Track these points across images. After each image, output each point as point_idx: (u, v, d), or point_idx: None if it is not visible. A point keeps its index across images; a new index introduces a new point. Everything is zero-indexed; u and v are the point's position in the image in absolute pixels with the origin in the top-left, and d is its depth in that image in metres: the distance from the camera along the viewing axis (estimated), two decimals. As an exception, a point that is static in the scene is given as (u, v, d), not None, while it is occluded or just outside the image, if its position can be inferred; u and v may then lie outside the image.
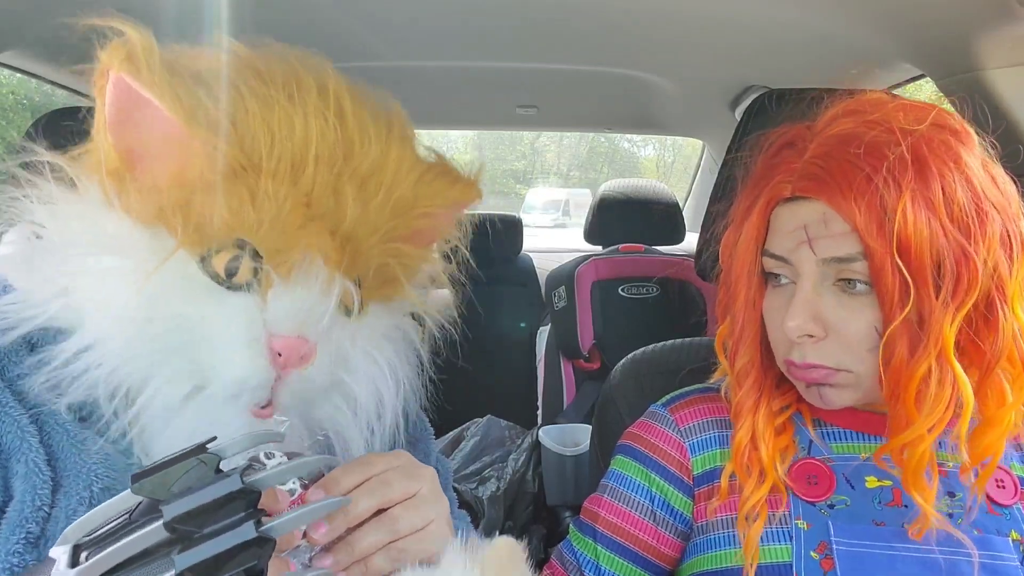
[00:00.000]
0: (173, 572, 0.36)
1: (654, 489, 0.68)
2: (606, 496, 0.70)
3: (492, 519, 1.72)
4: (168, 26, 0.58)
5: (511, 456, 1.87)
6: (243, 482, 0.38)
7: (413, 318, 0.68)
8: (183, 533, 0.37)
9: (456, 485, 1.74)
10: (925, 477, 0.56)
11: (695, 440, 0.69)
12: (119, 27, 0.49)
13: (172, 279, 0.51)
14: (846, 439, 0.65)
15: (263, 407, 0.53)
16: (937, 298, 0.53)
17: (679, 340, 0.90)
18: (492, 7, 1.17)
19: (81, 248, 0.52)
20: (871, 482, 0.61)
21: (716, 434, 0.68)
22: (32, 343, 0.53)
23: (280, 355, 0.52)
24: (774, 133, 0.63)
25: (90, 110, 0.55)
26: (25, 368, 0.52)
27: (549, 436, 1.67)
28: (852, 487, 0.62)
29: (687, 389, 0.74)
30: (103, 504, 0.40)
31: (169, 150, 0.51)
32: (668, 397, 0.74)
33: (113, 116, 0.51)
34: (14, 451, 0.50)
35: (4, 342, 0.51)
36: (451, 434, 2.02)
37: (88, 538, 0.39)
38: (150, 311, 0.50)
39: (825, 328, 0.57)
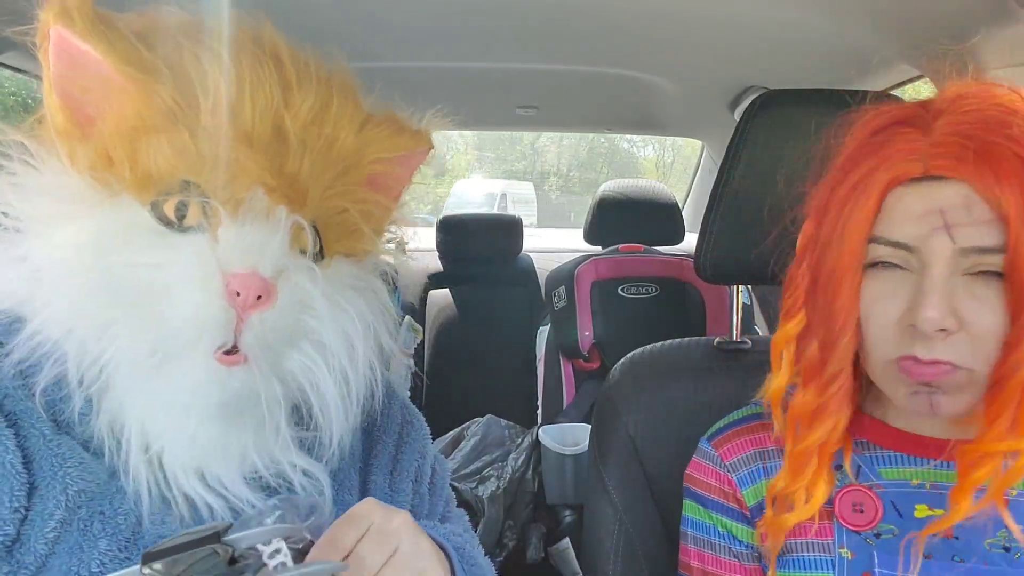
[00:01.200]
0: None
1: (720, 527, 0.68)
2: (689, 545, 0.70)
3: (492, 518, 1.73)
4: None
5: (511, 455, 1.87)
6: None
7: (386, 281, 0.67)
8: None
9: (456, 484, 1.74)
10: (974, 492, 0.52)
11: (741, 474, 0.67)
12: None
13: (124, 229, 0.51)
14: (896, 463, 0.60)
15: (227, 352, 0.52)
16: None
17: (679, 340, 0.90)
18: (492, 7, 1.17)
19: (41, 215, 0.52)
20: (921, 511, 0.57)
21: (760, 466, 0.67)
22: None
23: (238, 294, 0.51)
24: (868, 111, 0.57)
25: None
26: (4, 372, 0.51)
27: (549, 435, 1.67)
28: (900, 515, 0.58)
29: (730, 420, 0.71)
30: None
31: (109, 98, 0.52)
32: (713, 430, 0.72)
33: (56, 71, 0.52)
34: None
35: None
36: (451, 434, 2.02)
37: None
38: (105, 262, 0.50)
39: (960, 322, 0.51)
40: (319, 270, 0.56)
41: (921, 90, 1.28)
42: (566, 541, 1.67)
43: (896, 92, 1.25)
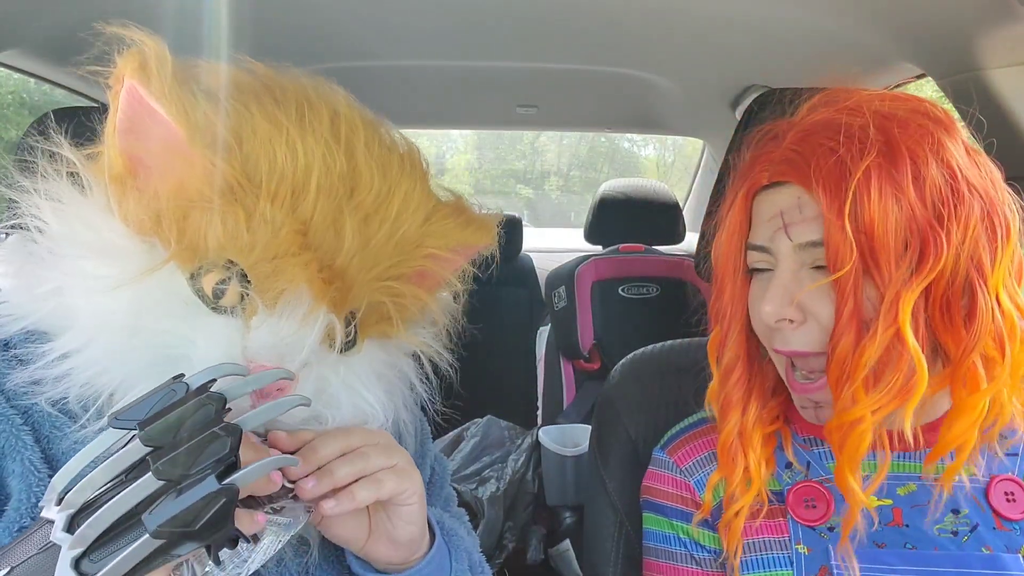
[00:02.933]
0: (149, 472, 0.38)
1: (682, 535, 0.68)
2: (651, 558, 0.70)
3: (492, 519, 1.72)
4: (168, 25, 0.58)
5: (511, 456, 1.87)
6: (209, 390, 0.41)
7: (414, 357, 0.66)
8: (158, 442, 0.39)
9: (456, 485, 1.74)
10: (860, 469, 0.56)
11: (697, 477, 0.68)
12: (135, 36, 0.49)
13: (160, 293, 0.51)
14: None
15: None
16: (898, 276, 0.52)
17: (679, 340, 0.90)
18: (492, 7, 1.17)
19: (79, 250, 0.52)
20: (871, 501, 0.59)
21: (715, 467, 0.67)
22: (7, 344, 0.54)
23: None
24: (759, 130, 0.63)
25: (88, 109, 0.54)
26: (7, 367, 0.52)
27: (549, 436, 1.67)
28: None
29: (680, 427, 0.73)
30: (83, 449, 0.42)
31: (172, 162, 0.51)
32: (665, 438, 0.74)
33: (122, 123, 0.51)
34: (9, 450, 0.50)
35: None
36: (451, 434, 2.02)
37: (73, 483, 0.41)
38: (136, 322, 0.50)
39: (803, 313, 0.57)
40: (343, 361, 0.57)
41: (922, 88, 1.28)
42: (566, 543, 1.67)
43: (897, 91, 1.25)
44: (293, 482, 0.50)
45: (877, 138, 0.53)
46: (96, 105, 1.39)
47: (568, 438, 1.67)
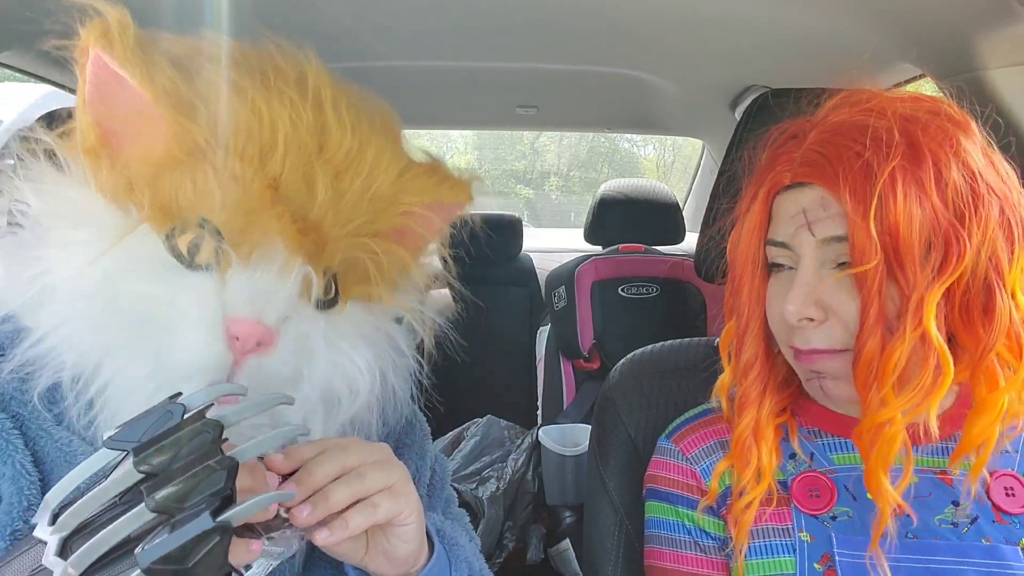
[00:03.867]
0: (143, 503, 0.37)
1: (687, 522, 0.68)
2: (654, 546, 0.70)
3: (492, 519, 1.72)
4: (169, 26, 0.58)
5: (511, 456, 1.87)
6: (206, 418, 0.40)
7: (402, 324, 0.66)
8: (153, 470, 0.38)
9: (456, 485, 1.74)
10: (890, 474, 0.56)
11: (704, 465, 0.69)
12: (96, 5, 0.50)
13: (137, 256, 0.51)
14: (845, 449, 0.64)
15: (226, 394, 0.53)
16: (922, 277, 0.53)
17: (679, 340, 0.90)
18: (492, 7, 1.17)
19: (58, 224, 0.52)
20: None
21: (722, 455, 0.68)
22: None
23: (237, 339, 0.51)
24: (776, 129, 0.64)
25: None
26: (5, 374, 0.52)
27: (549, 436, 1.67)
28: (854, 498, 0.62)
29: (686, 416, 0.74)
30: (77, 467, 0.41)
31: (140, 127, 0.52)
32: (670, 427, 0.74)
33: (91, 94, 0.52)
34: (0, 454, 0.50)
35: None
36: (451, 434, 2.02)
37: (66, 503, 0.40)
38: (114, 287, 0.50)
39: (825, 311, 0.57)
40: (325, 318, 0.57)
41: (922, 89, 1.28)
42: (566, 542, 1.67)
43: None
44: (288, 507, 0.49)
45: (901, 140, 0.54)
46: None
47: (568, 438, 1.67)
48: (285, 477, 0.49)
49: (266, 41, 0.57)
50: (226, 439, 0.41)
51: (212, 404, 0.42)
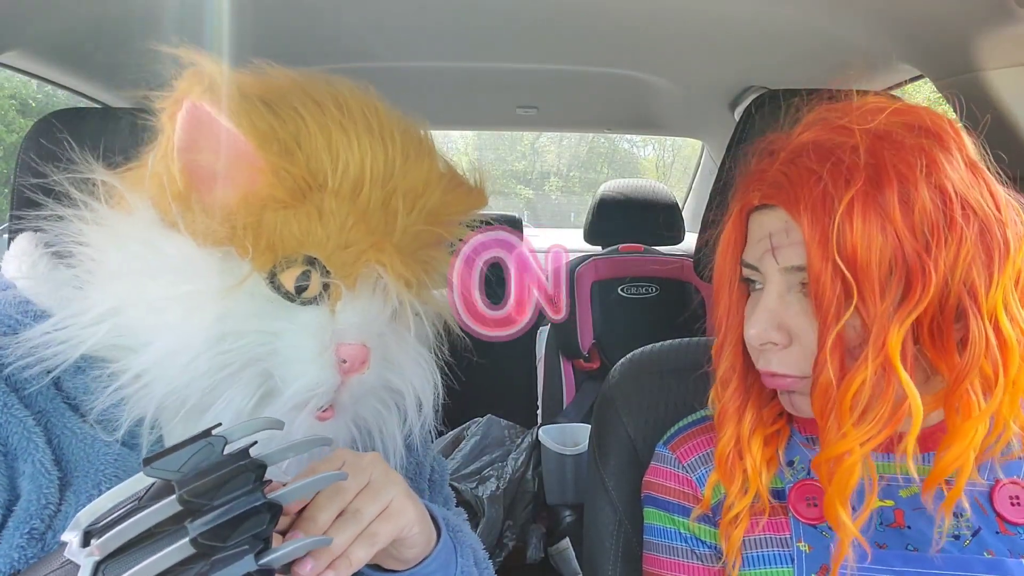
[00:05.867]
0: (187, 538, 0.37)
1: (683, 530, 0.68)
2: (652, 553, 0.70)
3: (492, 518, 1.73)
4: (169, 27, 0.58)
5: (511, 456, 1.87)
6: (250, 456, 0.40)
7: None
8: (194, 506, 0.38)
9: (455, 484, 1.74)
10: (850, 500, 0.54)
11: (699, 473, 0.68)
12: (190, 57, 0.52)
13: (242, 297, 0.53)
14: None
15: (325, 410, 0.57)
16: (883, 306, 0.51)
17: (678, 340, 0.90)
18: (492, 7, 1.17)
19: (139, 270, 0.54)
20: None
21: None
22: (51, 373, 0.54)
23: (345, 362, 0.55)
24: (760, 141, 0.63)
25: (88, 111, 0.55)
26: (37, 378, 0.52)
27: (549, 436, 1.67)
28: (852, 508, 0.59)
29: (684, 424, 0.74)
30: (113, 489, 0.41)
31: (240, 172, 0.54)
32: (668, 434, 0.74)
33: (182, 141, 0.53)
34: (20, 452, 0.51)
35: (55, 367, 0.52)
36: (451, 434, 2.02)
37: (99, 524, 0.40)
38: (221, 329, 0.52)
39: (789, 336, 0.56)
40: (396, 330, 0.61)
41: (921, 89, 1.28)
42: (566, 541, 1.67)
43: (896, 92, 1.25)
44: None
45: (867, 162, 0.52)
46: (97, 106, 1.40)
47: (568, 437, 1.67)
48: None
49: (320, 73, 0.60)
50: (269, 480, 0.42)
51: (255, 441, 0.42)
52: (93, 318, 0.52)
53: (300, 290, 0.55)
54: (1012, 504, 0.57)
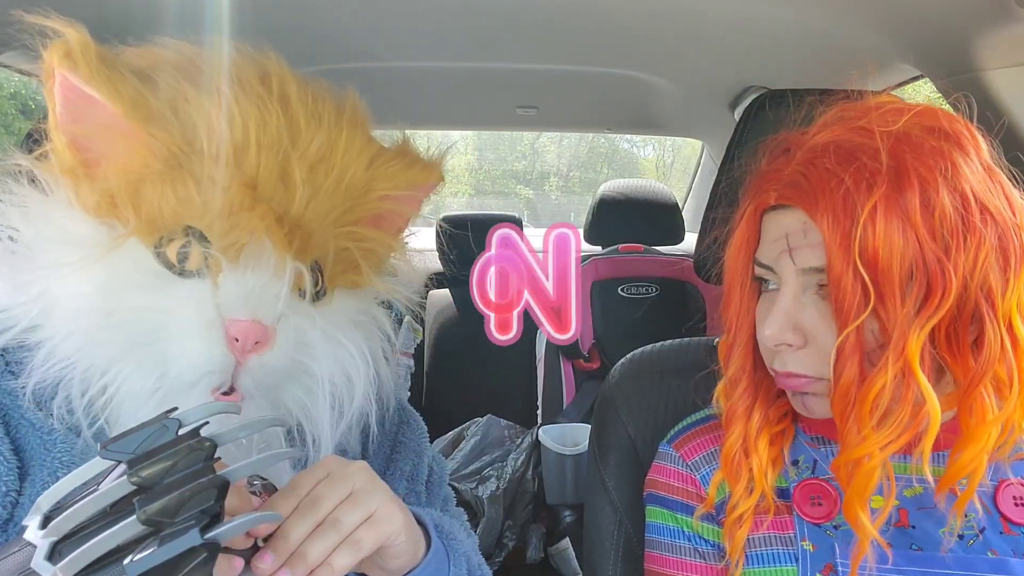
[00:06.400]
0: (134, 516, 0.38)
1: (686, 529, 0.68)
2: (654, 551, 0.70)
3: (492, 518, 1.73)
4: (168, 26, 0.58)
5: (511, 455, 1.87)
6: (200, 435, 0.41)
7: (385, 306, 0.68)
8: (145, 484, 0.39)
9: (455, 484, 1.74)
10: (869, 501, 0.54)
11: (704, 472, 0.68)
12: (56, 26, 0.50)
13: (128, 271, 0.52)
14: None
15: (225, 392, 0.54)
16: (903, 311, 0.51)
17: (678, 340, 0.90)
18: (492, 7, 1.17)
19: (47, 246, 0.53)
20: (877, 501, 0.57)
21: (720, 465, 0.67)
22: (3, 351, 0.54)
23: (237, 340, 0.52)
24: (773, 140, 0.62)
25: None
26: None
27: (549, 436, 1.67)
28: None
29: (688, 422, 0.73)
30: (72, 472, 0.42)
31: (113, 142, 0.53)
32: (672, 432, 0.74)
33: (62, 114, 0.53)
34: None
35: None
36: (451, 434, 2.02)
37: (58, 507, 0.41)
38: (110, 304, 0.51)
39: (804, 337, 0.56)
40: (318, 311, 0.58)
41: (921, 89, 1.28)
42: (566, 541, 1.68)
43: (896, 92, 1.25)
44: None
45: (889, 164, 0.52)
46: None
47: (568, 437, 1.67)
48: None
49: (223, 44, 0.58)
50: (218, 458, 0.42)
51: (207, 422, 0.43)
52: (18, 302, 0.53)
53: (182, 261, 0.53)
54: (1016, 504, 0.58)
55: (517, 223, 2.41)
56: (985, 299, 0.52)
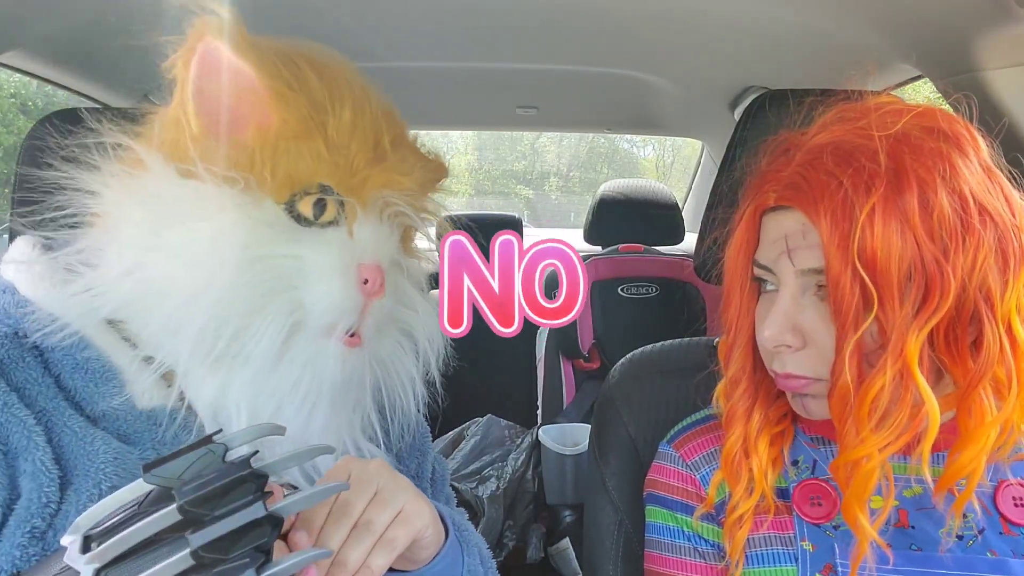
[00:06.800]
0: (188, 550, 0.37)
1: (686, 529, 0.68)
2: (654, 551, 0.70)
3: (492, 518, 1.73)
4: (169, 28, 0.58)
5: (511, 455, 1.87)
6: (251, 467, 0.40)
7: None
8: (195, 516, 0.38)
9: (455, 484, 1.74)
10: (868, 502, 0.54)
11: (703, 472, 0.68)
12: (198, 4, 0.55)
13: (262, 226, 0.56)
14: None
15: (352, 334, 0.59)
16: (902, 312, 0.51)
17: (678, 340, 0.90)
18: (492, 7, 1.17)
19: (158, 218, 0.55)
20: (876, 502, 0.57)
21: (720, 465, 0.67)
22: (40, 349, 0.54)
23: (366, 282, 0.58)
24: (773, 140, 0.62)
25: (89, 111, 0.57)
26: (34, 372, 0.53)
27: (549, 435, 1.67)
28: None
29: (688, 422, 0.74)
30: (113, 494, 0.41)
31: (253, 107, 0.57)
32: (672, 432, 0.74)
33: (197, 83, 0.56)
34: (21, 450, 0.51)
35: (77, 329, 0.54)
36: (451, 434, 2.02)
37: (98, 528, 0.39)
38: (246, 255, 0.54)
39: (803, 338, 0.56)
40: (406, 264, 0.66)
41: (921, 90, 1.28)
42: (566, 541, 1.68)
43: (896, 92, 1.25)
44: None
45: (887, 166, 0.52)
46: (98, 106, 1.40)
47: (568, 437, 1.67)
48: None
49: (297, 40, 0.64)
50: (270, 492, 0.41)
51: (256, 451, 0.42)
52: (119, 274, 0.54)
53: (318, 215, 0.58)
54: (1015, 505, 0.58)
55: (517, 223, 2.41)
56: (984, 300, 0.52)
